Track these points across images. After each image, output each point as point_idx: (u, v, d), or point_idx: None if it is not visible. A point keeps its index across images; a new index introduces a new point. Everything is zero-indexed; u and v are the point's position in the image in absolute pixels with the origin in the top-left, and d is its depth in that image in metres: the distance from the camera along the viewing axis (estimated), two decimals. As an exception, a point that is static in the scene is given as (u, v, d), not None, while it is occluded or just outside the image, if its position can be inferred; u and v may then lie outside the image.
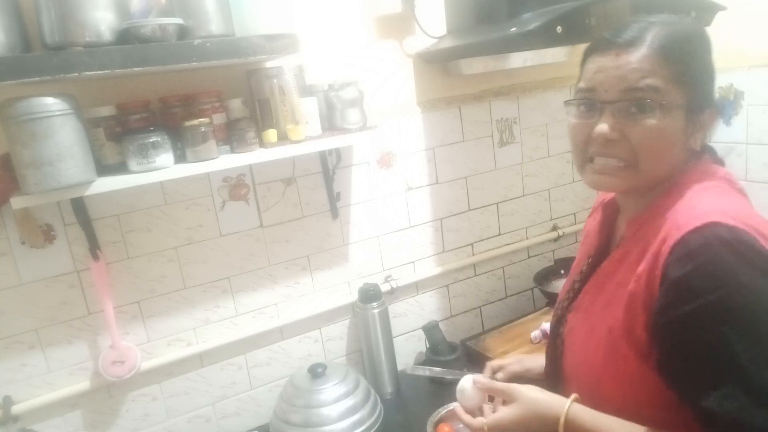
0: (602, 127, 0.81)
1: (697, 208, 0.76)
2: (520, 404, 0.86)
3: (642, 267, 0.77)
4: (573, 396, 0.85)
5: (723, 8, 1.51)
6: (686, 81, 0.79)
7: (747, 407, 0.68)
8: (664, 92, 0.78)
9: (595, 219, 1.02)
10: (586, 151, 0.86)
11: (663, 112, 0.79)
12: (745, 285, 0.68)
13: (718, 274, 0.69)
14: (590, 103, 0.84)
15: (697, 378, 0.71)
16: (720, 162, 0.89)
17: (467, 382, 1.00)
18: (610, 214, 0.97)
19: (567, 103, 0.89)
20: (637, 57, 0.79)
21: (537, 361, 1.15)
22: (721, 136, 1.78)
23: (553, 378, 0.99)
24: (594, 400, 0.84)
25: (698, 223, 0.72)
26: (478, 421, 0.90)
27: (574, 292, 0.98)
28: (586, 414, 0.82)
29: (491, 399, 0.98)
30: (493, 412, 0.91)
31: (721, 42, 1.72)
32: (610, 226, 0.97)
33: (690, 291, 0.70)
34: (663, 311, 0.73)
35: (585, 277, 0.96)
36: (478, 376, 1.01)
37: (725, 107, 1.76)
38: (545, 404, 0.85)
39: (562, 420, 0.81)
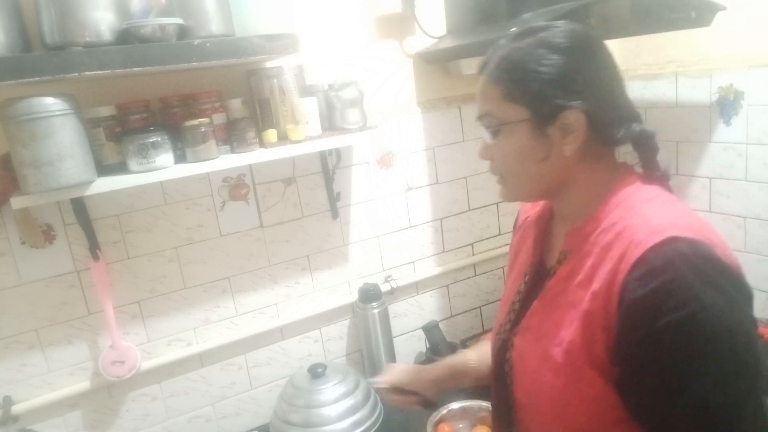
0: (478, 150, 0.89)
1: (652, 221, 0.73)
2: None
3: (597, 285, 0.75)
4: None
5: (723, 8, 1.51)
6: (521, 97, 0.80)
7: (702, 428, 0.68)
8: (498, 114, 0.82)
9: (527, 236, 0.98)
10: None
11: (506, 131, 0.82)
12: (707, 305, 0.67)
13: (680, 294, 0.67)
14: None
15: (657, 397, 0.70)
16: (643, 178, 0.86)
17: None
18: (542, 229, 0.95)
19: None
20: (480, 84, 0.85)
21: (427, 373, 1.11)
22: (721, 136, 1.78)
23: (504, 407, 0.92)
24: (557, 425, 0.82)
25: (657, 239, 0.70)
26: None
27: (515, 314, 0.93)
28: None
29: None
30: None
31: (721, 42, 1.73)
32: (542, 241, 0.94)
33: (652, 311, 0.68)
34: (625, 332, 0.71)
35: (525, 297, 0.92)
36: None
37: (725, 107, 1.76)
38: None
39: None
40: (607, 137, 0.80)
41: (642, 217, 0.75)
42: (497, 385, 0.95)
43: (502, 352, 0.93)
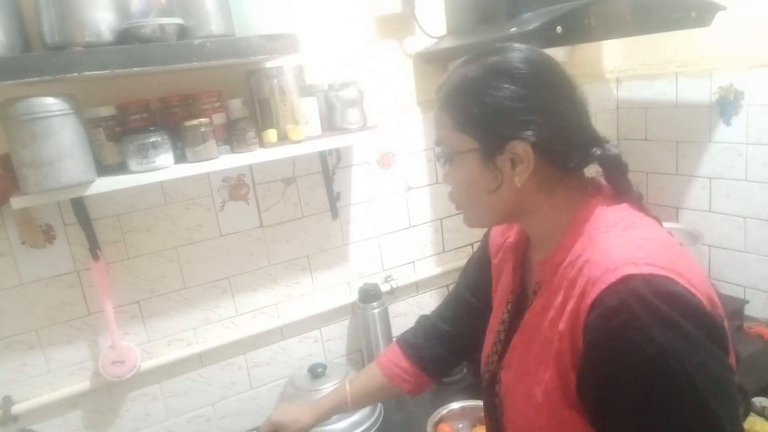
0: (442, 176, 0.88)
1: (609, 257, 0.70)
2: None
3: (563, 325, 0.73)
4: None
5: (723, 8, 1.51)
6: (469, 127, 0.78)
7: None
8: (449, 142, 0.81)
9: (506, 260, 0.96)
10: None
11: (458, 160, 0.81)
12: (664, 348, 0.64)
13: (636, 337, 0.65)
14: None
15: None
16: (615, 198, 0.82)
17: None
18: (521, 255, 0.93)
19: None
20: (435, 110, 0.83)
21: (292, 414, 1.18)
22: (721, 136, 1.78)
23: None
24: None
25: (612, 279, 0.67)
26: None
27: (501, 344, 0.92)
28: None
29: None
30: None
31: (721, 42, 1.73)
32: (521, 268, 0.93)
33: (609, 354, 0.67)
34: (587, 374, 0.71)
35: (509, 327, 0.92)
36: None
37: (725, 107, 1.76)
38: None
39: None
40: (560, 165, 0.78)
41: (600, 251, 0.72)
42: (489, 417, 0.95)
43: (491, 385, 0.92)
